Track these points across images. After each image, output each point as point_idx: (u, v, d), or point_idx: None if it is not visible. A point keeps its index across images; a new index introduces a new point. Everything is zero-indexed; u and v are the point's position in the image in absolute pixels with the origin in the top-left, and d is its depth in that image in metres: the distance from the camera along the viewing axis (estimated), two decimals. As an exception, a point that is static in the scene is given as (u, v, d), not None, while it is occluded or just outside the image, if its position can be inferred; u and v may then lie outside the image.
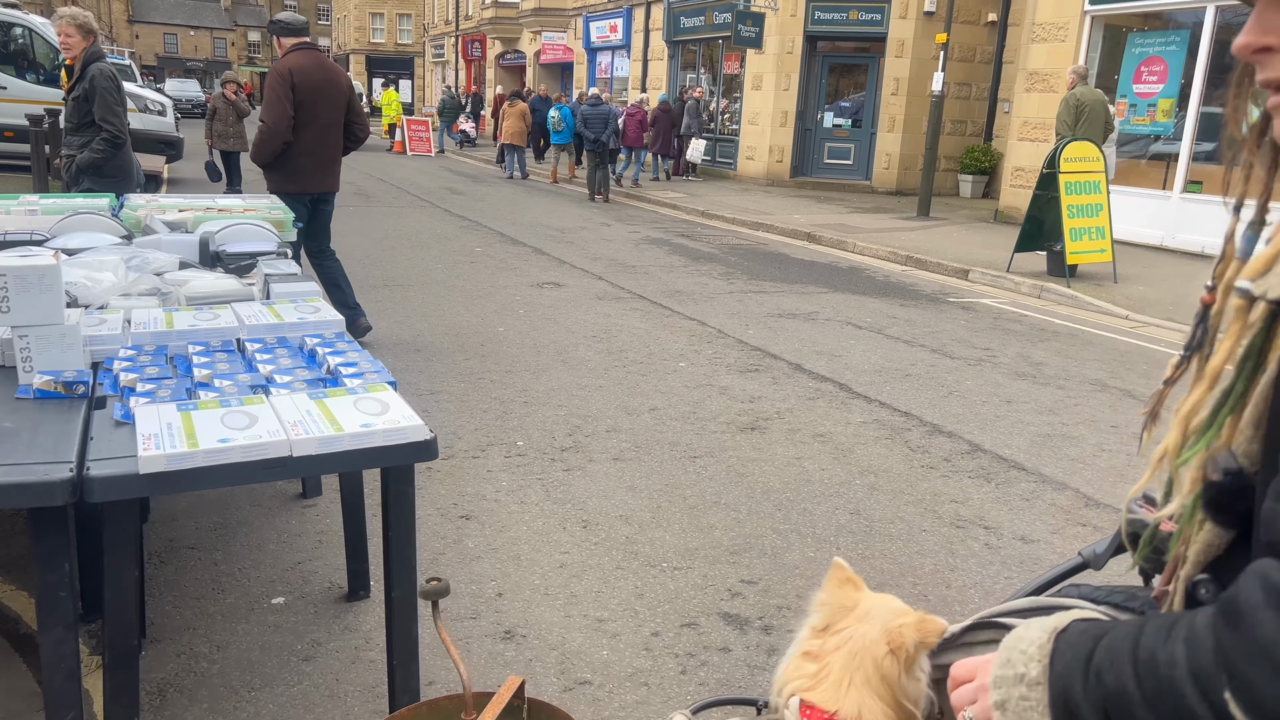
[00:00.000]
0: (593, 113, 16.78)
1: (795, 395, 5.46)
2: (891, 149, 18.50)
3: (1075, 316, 8.24)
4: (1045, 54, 13.81)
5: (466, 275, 8.84)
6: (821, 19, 18.49)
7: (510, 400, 5.20)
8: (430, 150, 26.20)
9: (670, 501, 3.94)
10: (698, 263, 10.17)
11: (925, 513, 3.89)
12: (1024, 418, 5.21)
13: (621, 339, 6.62)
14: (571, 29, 28.94)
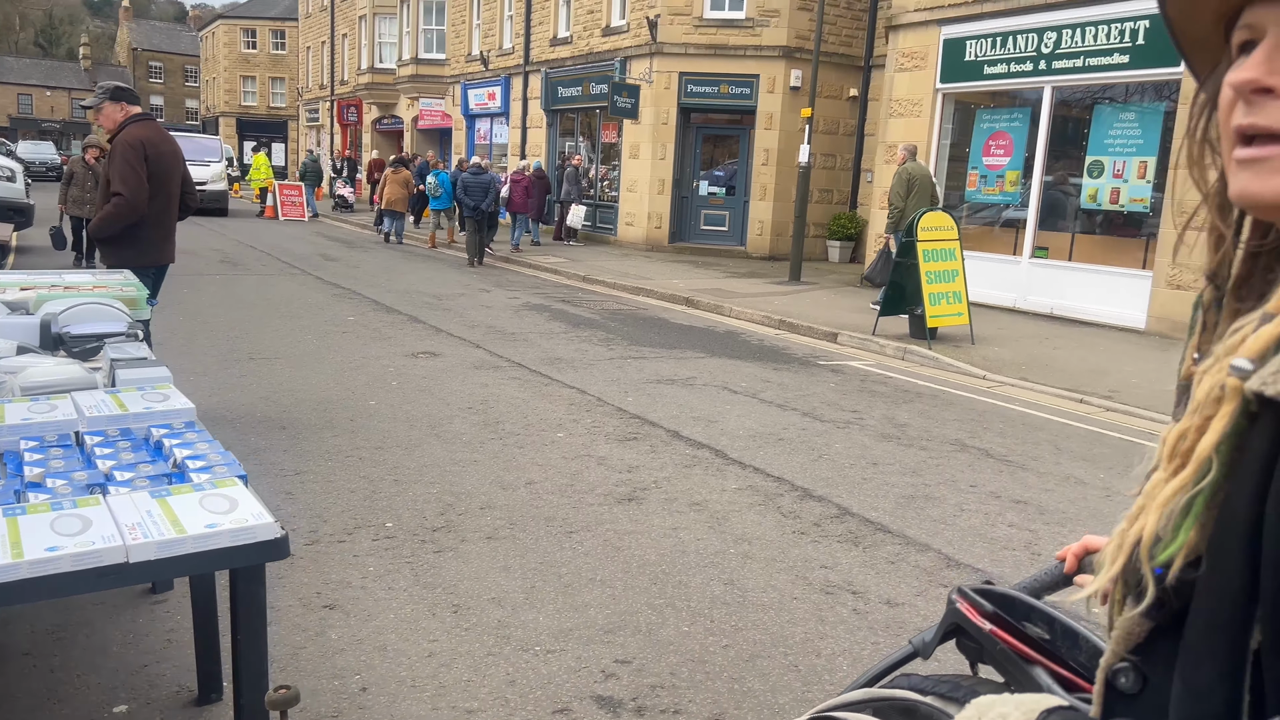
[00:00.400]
0: (474, 181, 16.87)
1: (673, 463, 5.51)
2: (764, 216, 19.16)
3: (937, 377, 8.63)
4: (903, 128, 14.65)
5: (338, 346, 8.63)
6: (694, 92, 19.16)
7: (380, 479, 5.06)
8: (304, 215, 25.67)
9: (545, 580, 3.89)
10: (578, 329, 10.23)
11: (796, 580, 3.96)
12: (889, 479, 5.39)
13: (498, 410, 6.57)
14: (450, 95, 29.07)
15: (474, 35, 27.39)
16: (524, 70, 24.38)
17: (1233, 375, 0.67)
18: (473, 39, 27.46)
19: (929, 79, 14.28)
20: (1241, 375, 0.66)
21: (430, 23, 29.47)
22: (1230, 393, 0.67)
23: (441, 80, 29.34)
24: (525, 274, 15.92)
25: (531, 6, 23.94)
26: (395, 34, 31.85)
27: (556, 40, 22.97)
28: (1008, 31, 13.12)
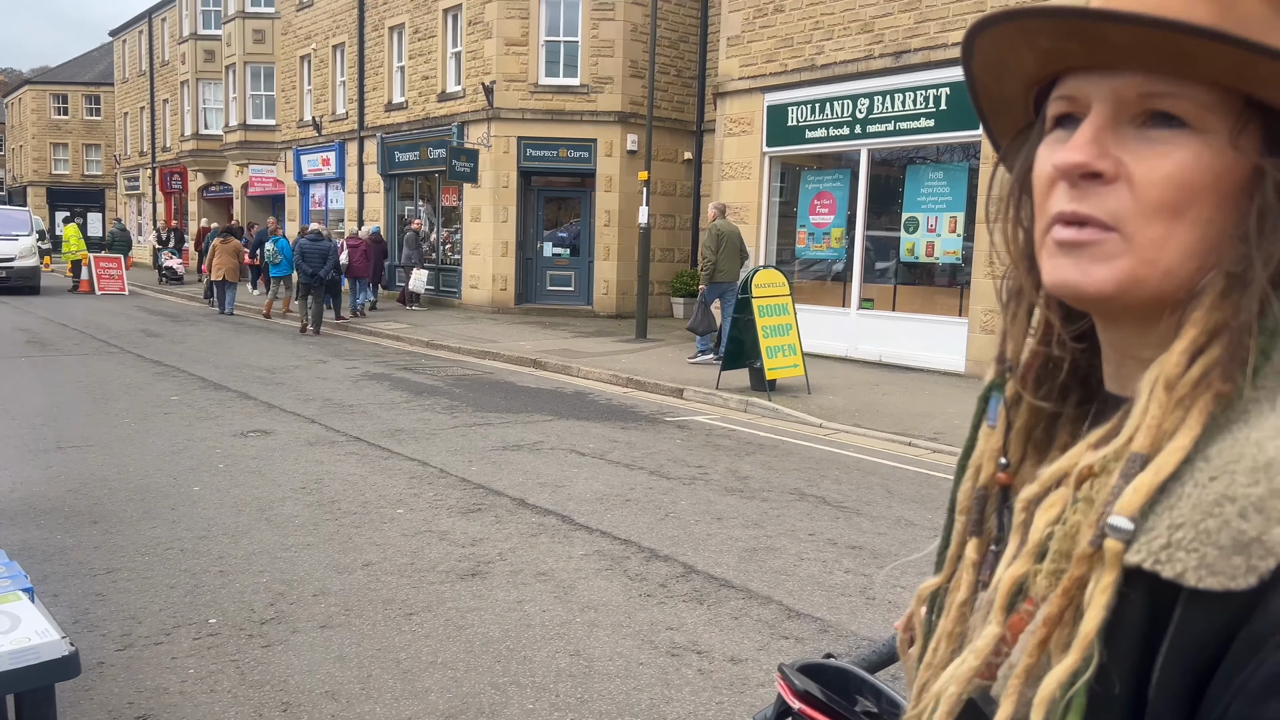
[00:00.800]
0: (312, 247, 16.45)
1: (518, 533, 5.41)
2: (609, 275, 19.44)
3: (777, 428, 8.89)
4: (734, 189, 15.25)
5: (159, 429, 8.10)
6: (534, 156, 19.37)
7: (203, 571, 4.74)
8: (123, 288, 24.18)
9: (382, 668, 3.72)
10: (420, 397, 10.00)
11: (643, 644, 3.94)
12: (733, 533, 5.48)
13: (334, 488, 6.30)
14: (281, 161, 28.27)
15: (305, 101, 26.83)
16: (359, 135, 24.02)
17: (1112, 537, 0.59)
18: (304, 104, 26.88)
19: (756, 143, 14.96)
20: (1122, 538, 0.58)
21: (258, 88, 28.68)
22: (1110, 560, 0.59)
23: (272, 146, 28.52)
24: (365, 342, 15.49)
25: (365, 72, 23.71)
26: (220, 99, 30.81)
27: (392, 105, 22.79)
28: (825, 98, 13.94)
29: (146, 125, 39.26)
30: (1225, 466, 0.58)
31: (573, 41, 19.06)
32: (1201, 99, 0.61)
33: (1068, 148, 0.65)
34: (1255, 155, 0.61)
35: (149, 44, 38.69)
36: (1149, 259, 0.63)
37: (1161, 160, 0.62)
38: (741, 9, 15.05)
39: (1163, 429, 0.61)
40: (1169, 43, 0.59)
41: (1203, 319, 0.62)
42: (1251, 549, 0.55)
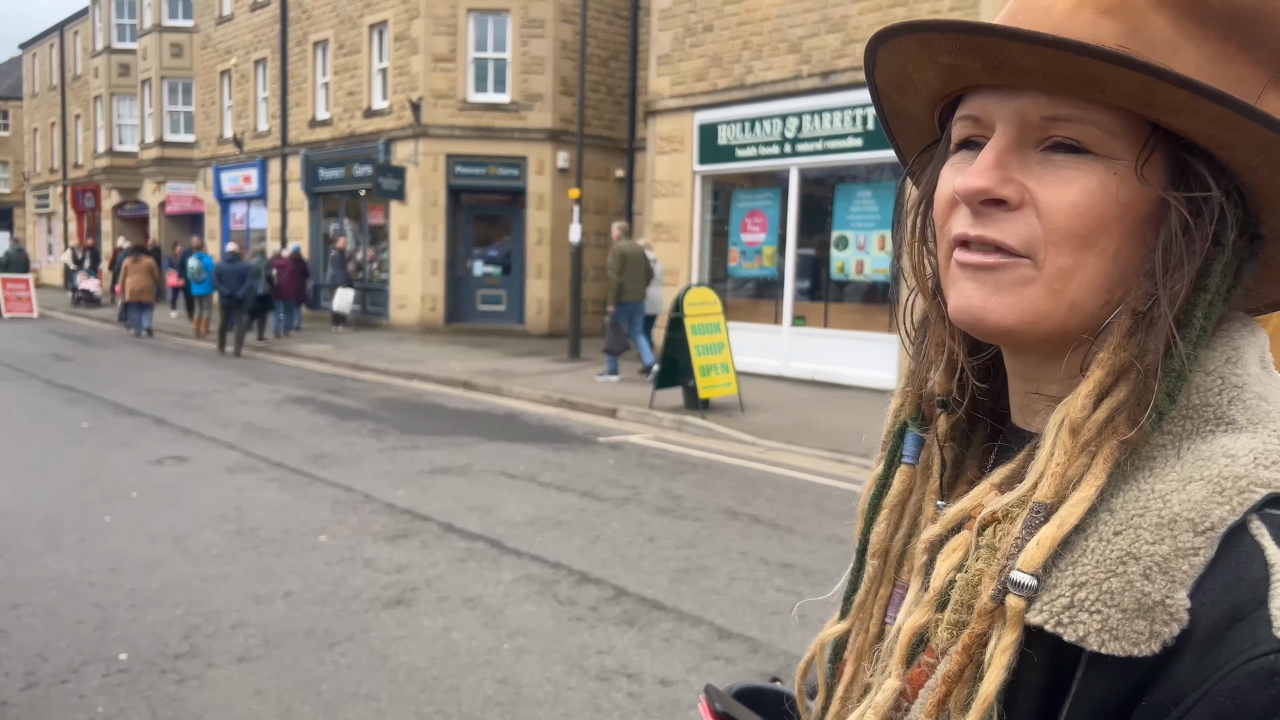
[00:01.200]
0: (228, 268, 16.14)
1: (445, 559, 5.29)
2: (541, 295, 19.32)
3: (711, 447, 8.90)
4: (667, 208, 15.32)
5: (69, 457, 7.76)
6: (463, 174, 19.20)
7: (114, 605, 4.53)
8: (32, 311, 23.23)
9: (302, 701, 3.58)
10: (346, 421, 9.76)
11: (572, 669, 3.87)
12: (665, 554, 5.44)
13: (254, 516, 6.09)
14: (201, 179, 27.54)
15: (226, 117, 26.22)
16: (282, 152, 23.54)
17: (1014, 594, 0.56)
18: (225, 120, 26.27)
19: (687, 161, 15.06)
20: (1024, 595, 0.56)
21: (176, 104, 27.94)
22: (1012, 618, 0.56)
23: (191, 163, 27.77)
24: (288, 364, 15.11)
25: (288, 88, 23.27)
26: (136, 115, 29.92)
27: (316, 122, 22.40)
28: (755, 117, 14.11)
29: (58, 141, 37.95)
30: (1130, 521, 0.56)
31: (502, 58, 19.00)
32: (1107, 125, 0.59)
33: (970, 172, 0.62)
34: (1160, 187, 0.59)
35: (60, 57, 37.46)
36: (1056, 290, 0.61)
37: (1066, 187, 0.60)
38: (671, 28, 15.18)
39: (1067, 477, 0.58)
40: (1072, 65, 0.57)
41: (1108, 359, 0.59)
42: (1155, 613, 0.52)
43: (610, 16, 19.72)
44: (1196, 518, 0.54)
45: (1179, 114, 0.57)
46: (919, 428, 0.73)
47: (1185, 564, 0.53)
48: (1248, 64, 0.59)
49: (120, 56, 31.01)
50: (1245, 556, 0.53)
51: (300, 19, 22.74)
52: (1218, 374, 0.60)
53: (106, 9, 30.96)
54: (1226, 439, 0.57)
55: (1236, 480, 0.55)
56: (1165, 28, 0.58)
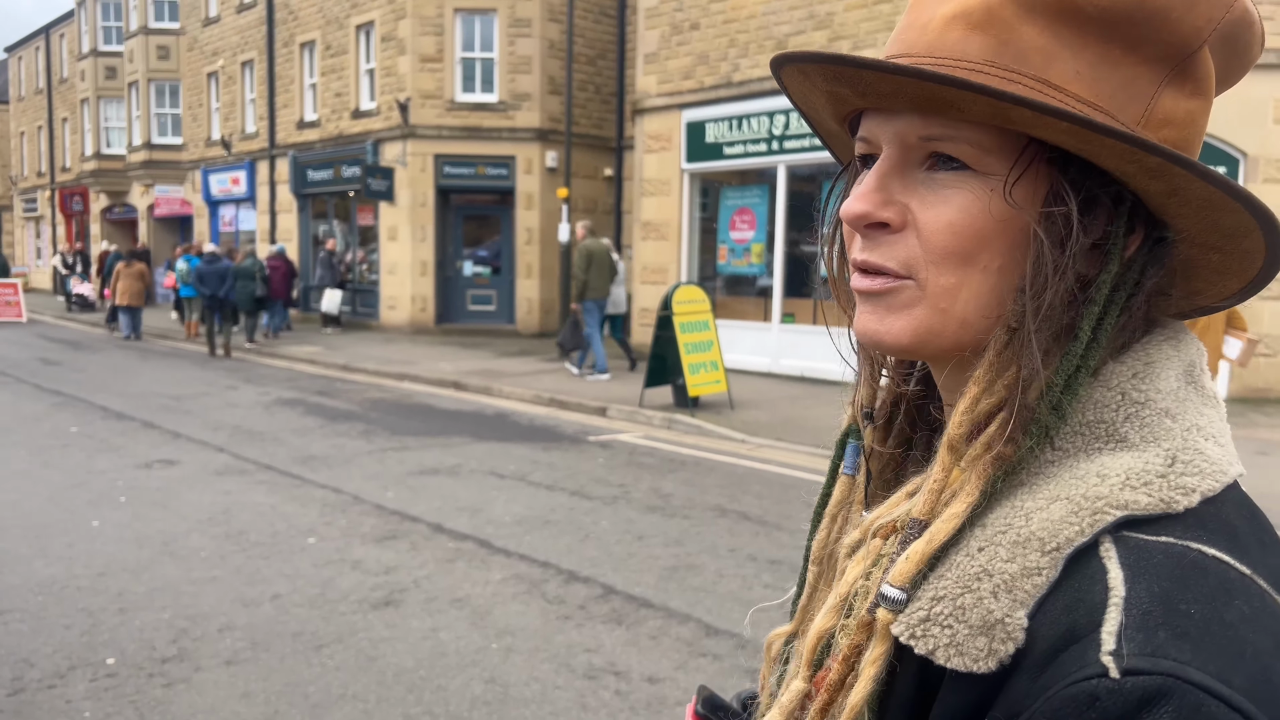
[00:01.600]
0: (209, 270, 16.22)
1: (434, 560, 5.30)
2: (531, 294, 19.32)
3: (700, 445, 8.92)
4: (655, 206, 15.33)
5: (56, 462, 7.73)
6: (451, 174, 19.18)
7: (101, 609, 4.52)
8: (21, 315, 23.13)
9: (290, 704, 3.58)
10: (335, 422, 9.75)
11: (560, 668, 3.88)
12: (654, 552, 5.46)
13: (242, 519, 6.09)
14: (189, 181, 27.45)
15: (214, 119, 26.13)
16: (270, 154, 23.48)
17: (884, 607, 0.57)
18: (212, 122, 26.18)
19: (675, 160, 15.07)
20: (894, 609, 0.57)
21: (163, 106, 27.84)
22: (880, 630, 0.58)
23: (179, 166, 27.68)
24: (278, 366, 15.08)
25: (275, 89, 23.20)
26: (124, 118, 29.81)
27: (304, 123, 22.34)
28: (741, 115, 14.13)
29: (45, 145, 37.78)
30: (992, 538, 0.56)
31: (489, 58, 18.98)
32: (980, 141, 0.59)
33: (854, 196, 0.63)
34: (1033, 203, 0.59)
35: (46, 60, 37.28)
36: (942, 308, 0.61)
37: (944, 206, 0.60)
38: (658, 26, 15.19)
39: (944, 493, 0.59)
40: (924, 89, 0.57)
41: (983, 376, 0.60)
42: (995, 631, 0.53)
43: (597, 15, 19.72)
44: (1046, 537, 0.54)
45: (1036, 129, 0.57)
46: (858, 438, 0.74)
47: (1029, 583, 0.53)
48: (1135, 65, 0.58)
49: (107, 59, 30.90)
50: (1088, 579, 0.52)
51: (287, 20, 22.68)
52: (1119, 389, 0.60)
53: (92, 11, 30.83)
54: (1108, 458, 0.57)
55: (1095, 500, 0.54)
56: (1038, 38, 0.58)
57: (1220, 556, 0.53)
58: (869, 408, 0.73)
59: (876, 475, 0.73)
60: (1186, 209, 0.59)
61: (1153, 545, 0.53)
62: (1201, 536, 0.54)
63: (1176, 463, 0.56)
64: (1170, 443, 0.57)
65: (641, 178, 15.62)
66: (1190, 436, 0.58)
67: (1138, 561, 0.52)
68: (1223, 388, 11.22)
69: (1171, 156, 0.55)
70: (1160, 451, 0.57)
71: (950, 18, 0.59)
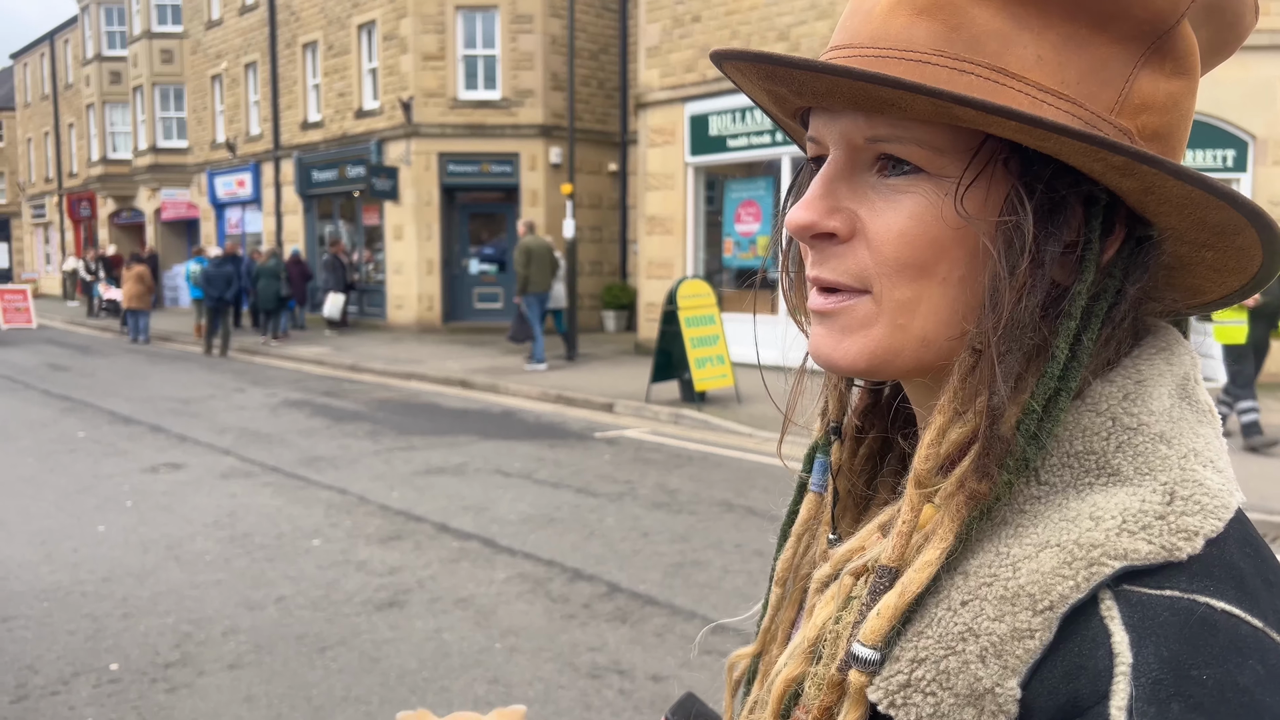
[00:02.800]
0: (216, 272, 16.48)
1: (438, 560, 5.28)
2: (536, 291, 19.29)
3: (707, 439, 8.88)
4: (660, 200, 15.28)
5: (64, 467, 7.75)
6: (456, 172, 19.16)
7: (106, 615, 4.52)
8: (31, 321, 23.24)
9: (292, 707, 3.57)
10: (342, 423, 9.75)
11: (564, 667, 3.86)
12: (659, 549, 5.43)
13: (248, 521, 6.08)
14: (195, 184, 27.53)
15: (218, 121, 26.19)
16: (275, 155, 23.51)
17: (856, 669, 0.52)
18: (217, 125, 26.24)
19: (679, 153, 15.02)
20: (867, 670, 0.51)
21: (168, 110, 27.92)
22: (854, 695, 0.52)
23: (185, 169, 27.77)
24: (286, 368, 15.10)
25: (279, 91, 23.23)
26: (129, 122, 29.91)
27: (308, 124, 22.36)
28: (745, 107, 14.06)
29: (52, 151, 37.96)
30: (977, 590, 0.50)
31: (491, 55, 18.94)
32: (931, 141, 0.53)
33: (799, 204, 0.57)
34: (994, 209, 0.53)
35: (51, 66, 37.44)
36: (900, 324, 0.55)
37: (894, 213, 0.54)
38: (660, 19, 15.12)
39: (913, 536, 0.53)
40: (858, 88, 0.52)
41: (949, 404, 0.54)
42: (984, 702, 0.48)
43: (599, 9, 19.66)
44: (1037, 593, 0.48)
45: (990, 126, 0.51)
46: (826, 453, 0.69)
47: (1020, 648, 0.47)
48: (1105, 45, 0.53)
49: (111, 64, 31.01)
50: (1090, 642, 0.47)
51: (289, 21, 22.69)
52: (1109, 414, 0.53)
53: (96, 17, 30.93)
54: (1101, 495, 0.51)
55: (1090, 549, 0.48)
56: (992, 20, 0.52)
57: (1230, 610, 0.47)
58: (836, 422, 0.68)
59: (845, 494, 0.68)
60: (1167, 206, 0.53)
61: (1157, 601, 0.47)
62: (1208, 587, 0.48)
63: (1175, 499, 0.50)
64: (1167, 474, 0.52)
65: (646, 172, 15.57)
66: (1188, 464, 0.52)
67: (1142, 621, 0.47)
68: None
69: (1137, 155, 0.49)
70: (1157, 487, 0.51)
71: (894, 3, 0.54)
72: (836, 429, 0.68)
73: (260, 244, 23.62)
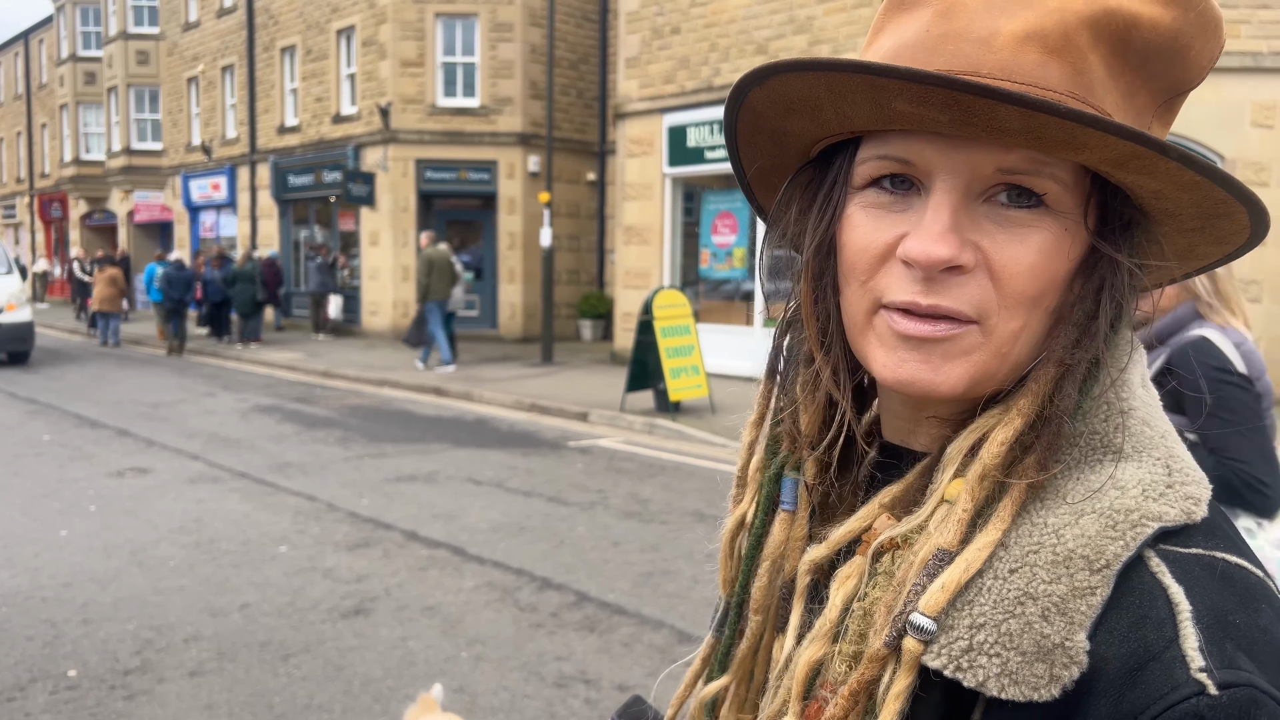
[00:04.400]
0: (177, 275, 17.02)
1: (407, 568, 5.23)
2: (514, 299, 19.25)
3: (681, 449, 8.88)
4: (638, 210, 15.30)
5: (28, 471, 7.62)
6: (433, 178, 19.10)
7: (65, 621, 4.44)
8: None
9: (254, 715, 3.52)
10: (312, 429, 9.66)
11: (529, 677, 3.83)
12: (629, 558, 5.41)
13: (214, 527, 6.00)
14: (169, 187, 27.26)
15: (194, 124, 25.98)
16: (251, 159, 23.34)
17: (912, 637, 0.54)
18: (192, 128, 26.02)
19: (657, 164, 15.05)
20: (923, 639, 0.53)
21: (143, 111, 27.65)
22: (908, 662, 0.54)
23: (159, 171, 27.49)
24: (258, 373, 14.96)
25: (256, 94, 23.08)
26: (103, 123, 29.59)
27: (285, 128, 22.22)
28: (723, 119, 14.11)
29: (24, 151, 37.48)
30: (1025, 558, 0.54)
31: (470, 62, 18.93)
32: (1064, 178, 0.56)
33: (927, 236, 0.56)
34: (1094, 235, 0.58)
35: (25, 66, 36.99)
36: (1004, 352, 0.58)
37: (1023, 248, 0.56)
38: (639, 31, 15.17)
39: (973, 521, 0.57)
40: (1064, 130, 0.52)
41: (1029, 408, 0.58)
42: (1055, 656, 0.51)
43: (579, 20, 19.71)
44: (1091, 554, 0.52)
45: (1142, 174, 0.56)
46: (795, 471, 0.69)
47: (1083, 604, 0.51)
48: (1145, 96, 0.59)
49: (86, 64, 30.68)
50: (1146, 594, 0.51)
51: (267, 25, 22.57)
52: (1104, 399, 0.59)
53: (71, 17, 30.62)
54: (1114, 469, 0.56)
55: (1128, 514, 0.53)
56: (1099, 67, 0.56)
57: (1240, 563, 0.54)
58: (812, 437, 0.68)
59: (819, 507, 0.69)
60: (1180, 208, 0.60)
61: (1189, 558, 0.53)
62: (1219, 545, 0.55)
63: (1173, 472, 0.56)
64: (1158, 452, 0.58)
65: (624, 182, 15.59)
66: (1169, 443, 0.59)
67: (1185, 575, 0.52)
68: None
69: (1242, 193, 0.56)
70: (1155, 461, 0.57)
71: (1024, 37, 0.55)
72: (812, 444, 0.68)
73: (234, 248, 23.41)
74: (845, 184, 0.62)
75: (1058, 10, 0.55)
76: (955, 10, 0.56)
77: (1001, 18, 0.55)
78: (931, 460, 0.61)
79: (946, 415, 0.61)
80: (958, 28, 0.56)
